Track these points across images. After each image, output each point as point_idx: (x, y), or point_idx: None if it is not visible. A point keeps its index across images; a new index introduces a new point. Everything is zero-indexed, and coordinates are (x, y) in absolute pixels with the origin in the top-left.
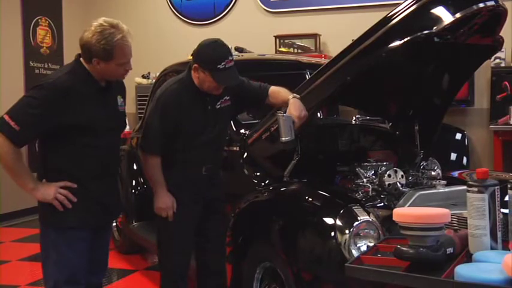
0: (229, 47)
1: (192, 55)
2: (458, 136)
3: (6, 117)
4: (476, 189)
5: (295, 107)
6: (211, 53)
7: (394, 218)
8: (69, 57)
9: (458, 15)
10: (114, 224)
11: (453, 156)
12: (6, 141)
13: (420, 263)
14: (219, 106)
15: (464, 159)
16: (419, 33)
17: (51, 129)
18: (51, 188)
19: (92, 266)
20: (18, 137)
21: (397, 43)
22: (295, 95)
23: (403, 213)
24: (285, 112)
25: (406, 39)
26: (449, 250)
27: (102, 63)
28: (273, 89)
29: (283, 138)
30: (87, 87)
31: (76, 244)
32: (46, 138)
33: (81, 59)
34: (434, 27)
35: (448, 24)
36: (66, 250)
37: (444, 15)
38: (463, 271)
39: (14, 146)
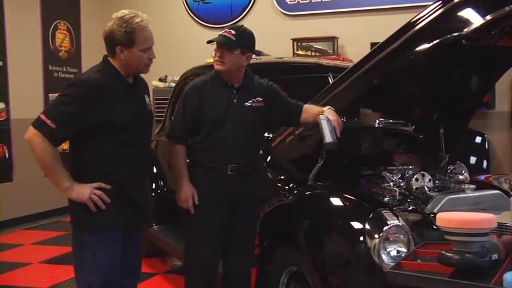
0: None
1: None
2: (478, 139)
3: (43, 116)
4: None
5: (332, 115)
6: None
7: (437, 223)
8: (87, 60)
9: (489, 17)
10: None
11: (473, 159)
12: (44, 140)
13: (465, 269)
14: (249, 104)
15: (485, 163)
16: (448, 36)
17: (85, 126)
18: (86, 189)
19: (124, 270)
20: (55, 135)
21: (425, 45)
22: (329, 106)
23: (447, 218)
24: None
25: (435, 42)
26: (494, 256)
27: (126, 50)
28: (306, 105)
29: (328, 141)
30: (116, 84)
31: (110, 246)
32: (78, 137)
33: (108, 58)
34: (465, 30)
35: (478, 27)
36: (101, 252)
37: (474, 17)
38: None
39: (52, 145)
